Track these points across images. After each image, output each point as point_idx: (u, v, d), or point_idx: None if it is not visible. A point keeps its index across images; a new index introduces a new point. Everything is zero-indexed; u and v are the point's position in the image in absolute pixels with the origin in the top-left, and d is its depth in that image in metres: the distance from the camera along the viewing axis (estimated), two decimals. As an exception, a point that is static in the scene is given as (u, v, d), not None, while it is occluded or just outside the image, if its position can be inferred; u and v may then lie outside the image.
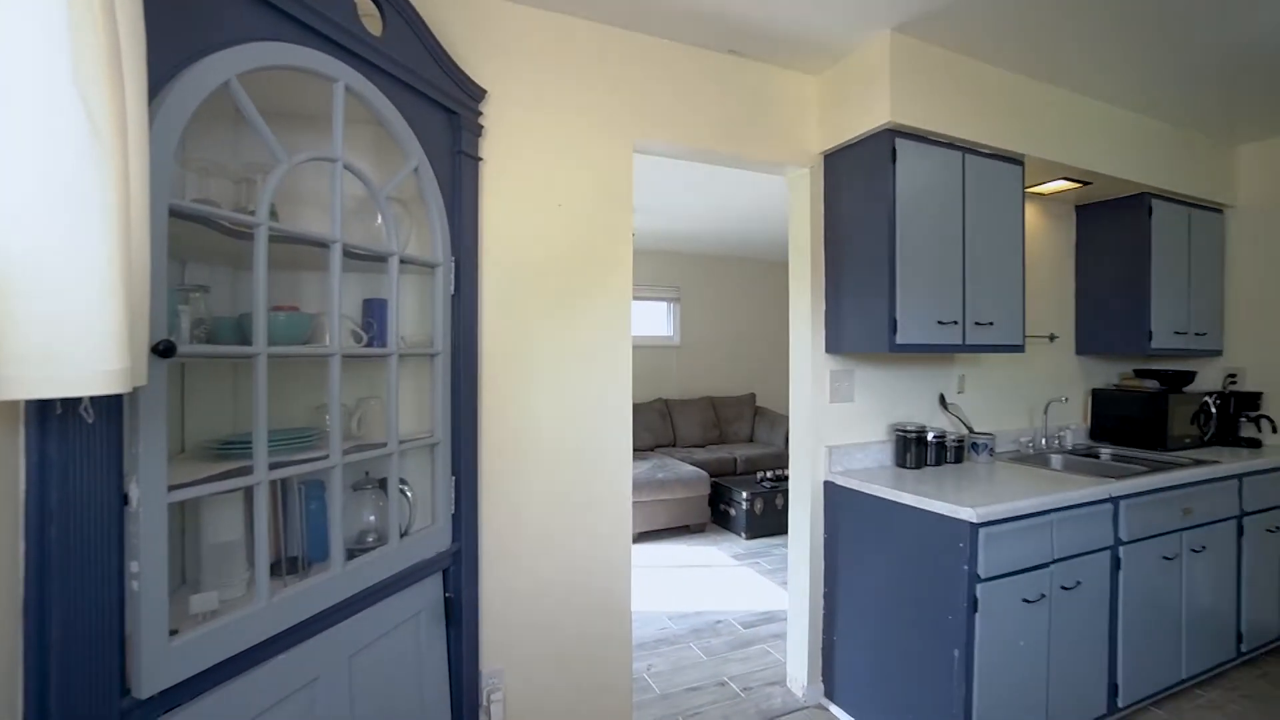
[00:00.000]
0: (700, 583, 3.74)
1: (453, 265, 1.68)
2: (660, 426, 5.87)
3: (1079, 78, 2.44)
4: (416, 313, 1.72)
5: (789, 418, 2.50)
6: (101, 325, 0.70)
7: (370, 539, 1.50)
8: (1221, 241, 3.22)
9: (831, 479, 2.33)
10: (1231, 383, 3.17)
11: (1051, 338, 3.06)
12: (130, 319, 0.74)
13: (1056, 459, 2.77)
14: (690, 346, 6.55)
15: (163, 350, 0.91)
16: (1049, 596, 1.97)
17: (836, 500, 2.32)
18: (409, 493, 1.58)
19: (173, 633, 0.98)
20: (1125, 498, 2.17)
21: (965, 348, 2.25)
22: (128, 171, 0.74)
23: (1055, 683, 2.00)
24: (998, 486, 2.09)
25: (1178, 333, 2.97)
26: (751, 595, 3.54)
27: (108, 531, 0.88)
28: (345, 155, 1.32)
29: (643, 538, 4.62)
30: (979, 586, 1.82)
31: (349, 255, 1.43)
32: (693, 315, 6.58)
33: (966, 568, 1.81)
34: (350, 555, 1.39)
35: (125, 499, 0.91)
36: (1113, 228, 3.01)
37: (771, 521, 4.56)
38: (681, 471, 4.71)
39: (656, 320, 6.51)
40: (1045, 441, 2.94)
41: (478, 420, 1.78)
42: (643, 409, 5.87)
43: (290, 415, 1.52)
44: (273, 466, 1.15)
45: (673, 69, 2.14)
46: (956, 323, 2.22)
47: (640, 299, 6.32)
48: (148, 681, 0.93)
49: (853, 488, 2.23)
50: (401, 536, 1.51)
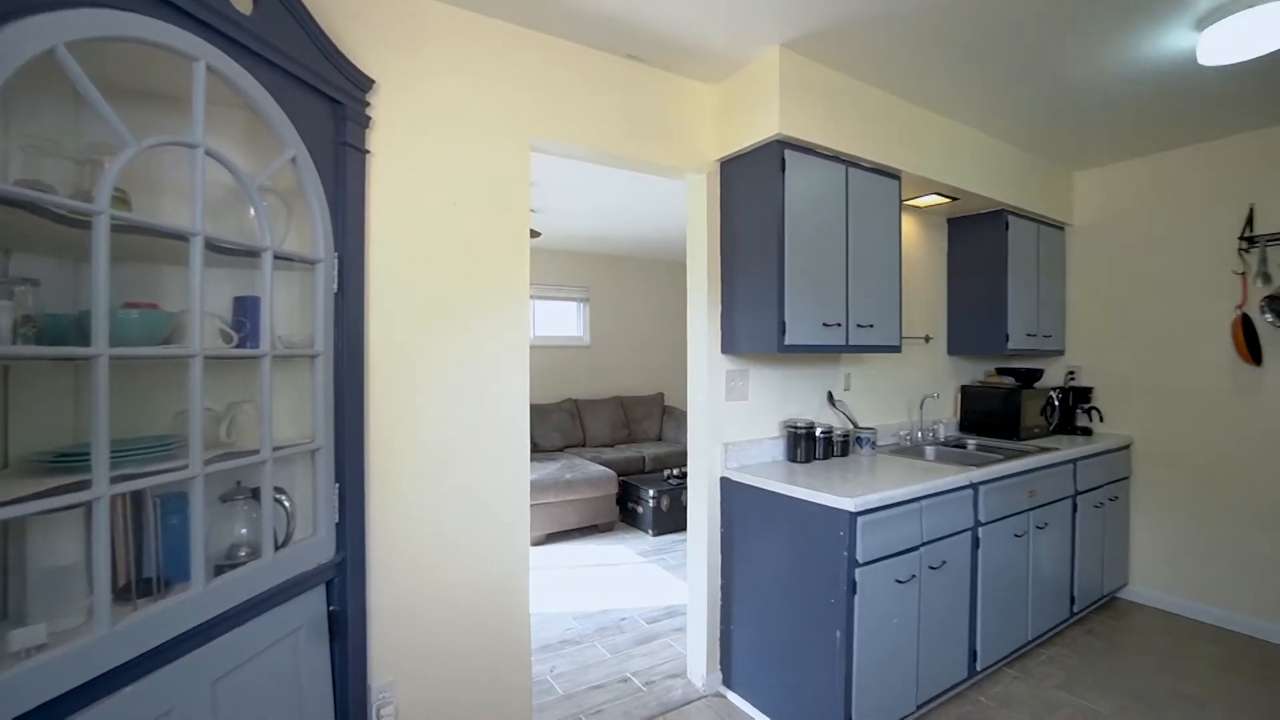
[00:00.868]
0: (607, 581, 3.77)
1: (336, 262, 1.59)
2: (570, 427, 5.86)
3: (946, 104, 2.68)
4: (296, 312, 1.62)
5: (691, 416, 2.58)
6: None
7: (242, 553, 1.39)
8: (1063, 255, 3.65)
9: (728, 475, 2.43)
10: (1071, 379, 3.61)
11: (926, 339, 3.35)
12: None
13: (930, 450, 3.03)
14: (600, 347, 6.57)
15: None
16: (919, 576, 2.16)
17: (732, 495, 2.41)
18: (287, 502, 1.49)
19: (-13, 673, 0.87)
20: (984, 484, 2.41)
21: (848, 348, 2.42)
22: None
23: (924, 653, 2.19)
24: (876, 477, 2.26)
25: (1029, 335, 3.33)
26: (656, 591, 3.61)
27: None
28: (210, 141, 1.22)
29: (551, 539, 4.59)
30: (857, 571, 1.96)
31: (216, 249, 1.33)
32: (602, 315, 6.61)
33: (846, 554, 1.95)
34: (218, 571, 1.29)
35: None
36: (977, 240, 3.33)
37: (678, 518, 4.67)
38: (590, 471, 4.72)
39: (566, 320, 6.48)
40: (921, 434, 3.21)
41: (364, 424, 1.70)
42: (552, 410, 5.83)
43: (153, 422, 1.39)
44: (120, 479, 1.05)
45: (573, 70, 2.14)
46: (840, 325, 2.38)
47: (549, 299, 6.27)
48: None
49: (746, 483, 2.33)
50: (278, 549, 1.42)
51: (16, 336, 1.05)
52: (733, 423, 2.49)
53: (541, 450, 5.61)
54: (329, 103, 1.58)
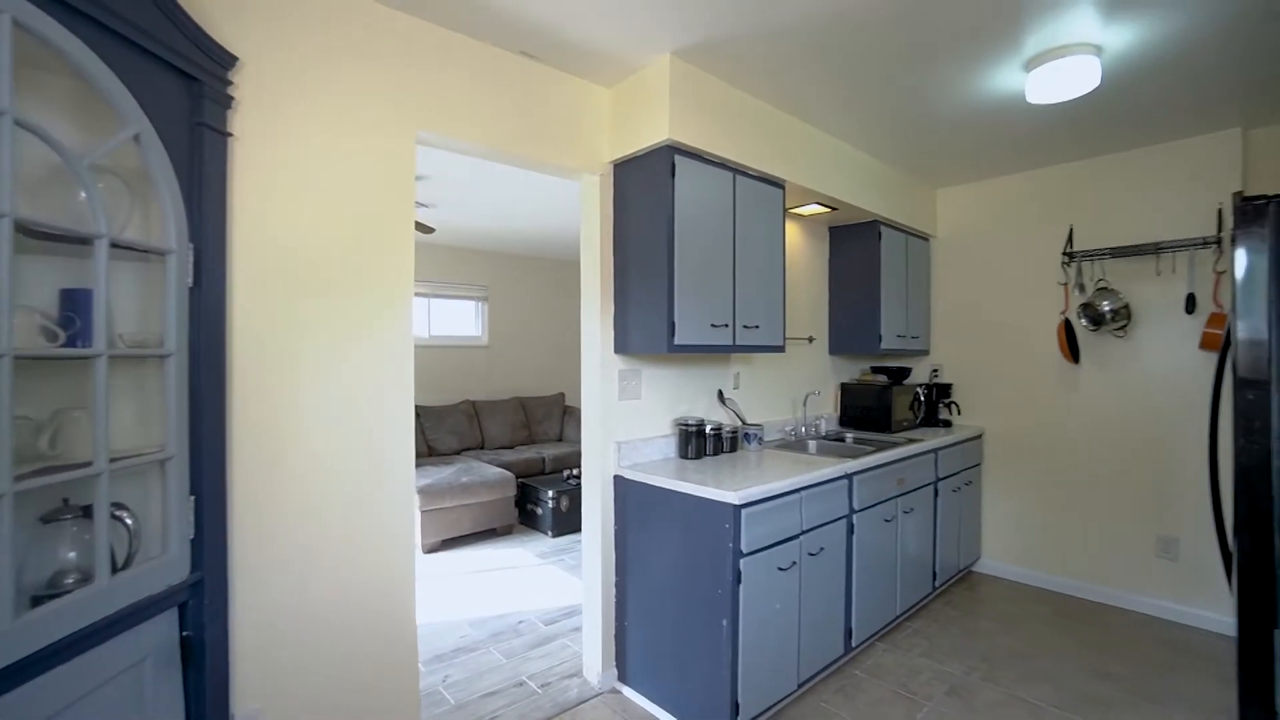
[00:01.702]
0: (504, 585, 3.70)
1: (192, 253, 1.45)
2: (467, 429, 5.68)
3: (826, 120, 2.88)
4: (142, 307, 1.46)
5: (586, 416, 2.59)
6: None
7: (69, 580, 1.23)
8: (928, 263, 4.03)
9: (621, 473, 2.46)
10: (935, 376, 3.99)
11: (810, 340, 3.57)
12: None
13: (813, 444, 3.23)
14: (499, 346, 6.43)
15: None
16: (799, 563, 2.30)
17: (625, 493, 2.45)
18: (129, 519, 1.34)
19: None
20: (857, 474, 2.61)
21: (736, 348, 2.53)
22: None
23: (805, 634, 2.34)
24: (762, 471, 2.38)
25: (899, 336, 3.65)
26: (555, 592, 3.59)
27: None
28: (26, 111, 1.07)
29: (447, 545, 4.44)
30: (742, 561, 2.05)
31: (35, 234, 1.18)
32: (502, 314, 6.47)
33: (732, 545, 2.04)
34: (35, 603, 1.14)
35: None
36: (854, 248, 3.60)
37: (577, 518, 4.67)
38: (487, 474, 4.61)
39: (464, 320, 6.28)
40: (805, 429, 3.41)
41: (226, 430, 1.56)
42: (449, 411, 5.63)
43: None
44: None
45: (464, 63, 2.08)
46: (728, 325, 2.48)
47: (446, 297, 6.05)
48: None
49: (639, 480, 2.38)
50: (116, 572, 1.28)
51: None
52: (626, 422, 2.53)
53: (437, 454, 5.40)
54: (183, 79, 1.44)
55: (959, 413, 3.89)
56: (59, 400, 1.33)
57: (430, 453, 5.39)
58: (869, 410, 3.59)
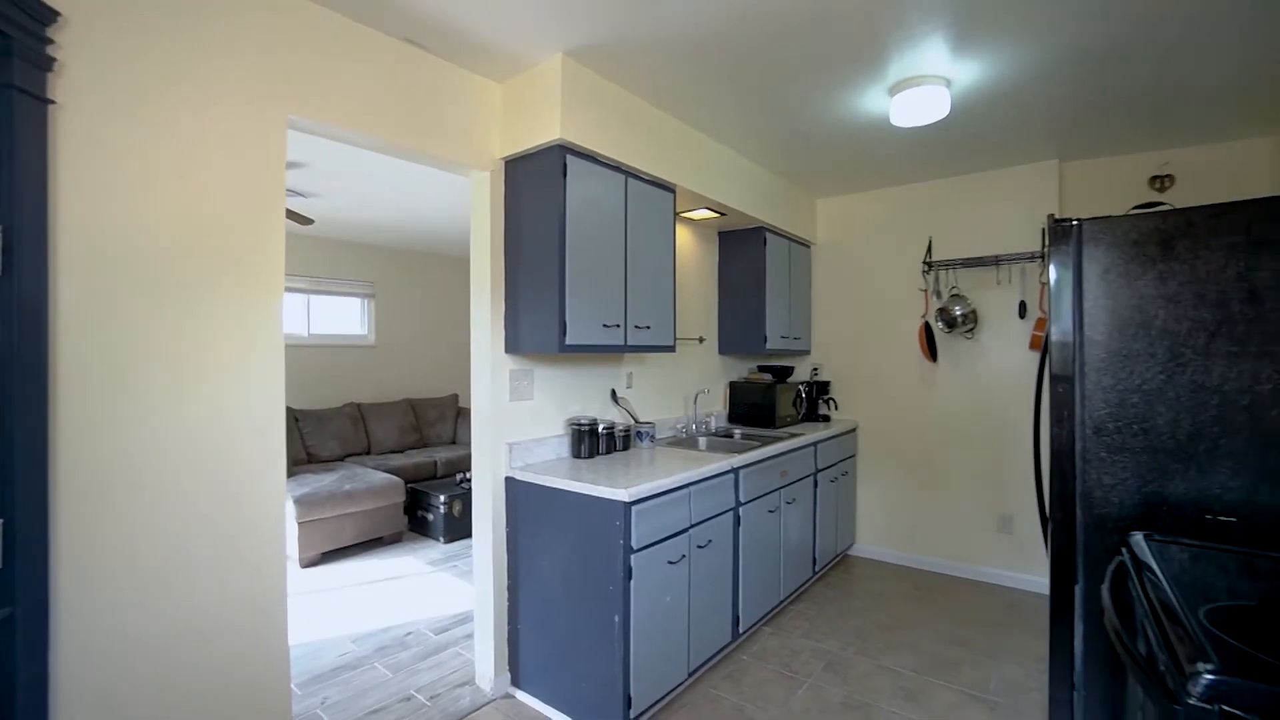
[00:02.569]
0: (392, 596, 3.53)
1: (0, 235, 1.27)
2: (351, 433, 5.34)
3: (716, 129, 2.99)
4: (-68, 300, 1.25)
5: (476, 417, 2.52)
6: None
7: None
8: (809, 268, 4.30)
9: (512, 474, 2.43)
10: (815, 374, 4.27)
11: (700, 340, 3.70)
12: None
13: (703, 440, 3.35)
14: (387, 346, 6.10)
15: None
16: (688, 556, 2.38)
17: (517, 494, 2.42)
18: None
19: None
20: (743, 468, 2.74)
21: (627, 348, 2.57)
22: None
23: (695, 625, 2.42)
24: (653, 468, 2.44)
25: (783, 336, 3.87)
26: (447, 600, 3.47)
27: None
28: None
29: (329, 557, 4.16)
30: (633, 556, 2.09)
31: None
32: (390, 312, 6.14)
33: (622, 542, 2.07)
34: None
35: None
36: (741, 252, 3.77)
37: (470, 522, 4.52)
38: (373, 480, 4.37)
39: (349, 318, 5.90)
40: (695, 426, 3.53)
41: (48, 442, 1.37)
42: (331, 415, 5.27)
43: None
44: None
45: (343, 47, 1.96)
46: (619, 326, 2.52)
47: (328, 293, 5.66)
48: None
49: (531, 481, 2.36)
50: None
51: None
52: (518, 422, 2.50)
53: (318, 460, 5.04)
54: (-15, 35, 1.25)
55: (836, 408, 4.19)
56: None
57: (310, 459, 5.01)
58: (756, 407, 3.78)
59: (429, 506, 4.59)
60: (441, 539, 4.49)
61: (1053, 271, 1.74)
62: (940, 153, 3.32)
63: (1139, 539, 1.41)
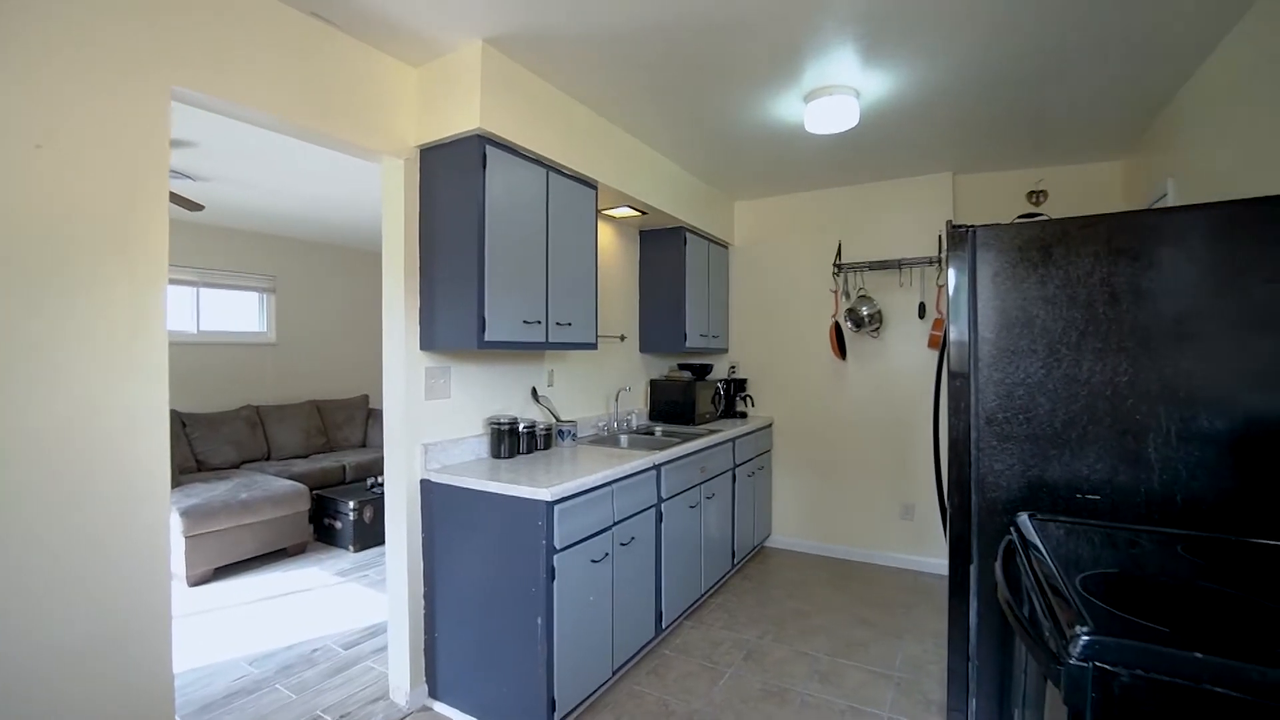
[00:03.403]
0: (296, 610, 3.29)
1: None
2: (249, 438, 4.95)
3: (639, 128, 3.01)
4: None
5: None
6: None
7: None
8: (727, 269, 4.41)
9: (428, 476, 2.33)
10: (733, 372, 4.38)
11: (622, 338, 3.70)
12: None
13: (624, 438, 3.36)
14: (290, 344, 5.70)
15: None
16: (611, 554, 2.37)
17: (433, 497, 2.33)
18: None
19: None
20: (665, 464, 2.77)
21: (548, 345, 2.53)
22: None
23: (618, 623, 2.42)
24: (575, 466, 2.41)
25: (702, 335, 3.94)
26: (357, 611, 3.29)
27: None
28: None
29: (222, 573, 3.83)
30: (556, 557, 2.06)
31: None
32: (293, 308, 5.74)
33: (544, 542, 2.04)
34: None
35: None
36: (662, 251, 3.81)
37: (383, 529, 4.31)
38: (273, 488, 4.06)
39: (245, 313, 5.47)
40: (617, 424, 3.54)
41: None
42: (226, 419, 4.86)
43: None
44: None
45: (238, 14, 1.80)
46: (540, 322, 2.48)
47: (221, 287, 5.22)
48: None
49: (448, 483, 2.27)
50: None
51: None
52: (434, 422, 2.40)
53: (210, 468, 4.63)
54: None
55: (753, 405, 4.33)
56: None
57: (200, 467, 4.60)
58: (676, 405, 3.83)
59: (337, 514, 4.33)
60: (351, 548, 4.25)
61: (951, 274, 1.87)
62: (850, 161, 3.50)
63: (1024, 519, 1.54)
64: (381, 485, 4.54)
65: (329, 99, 2.06)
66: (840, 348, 3.91)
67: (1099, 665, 0.89)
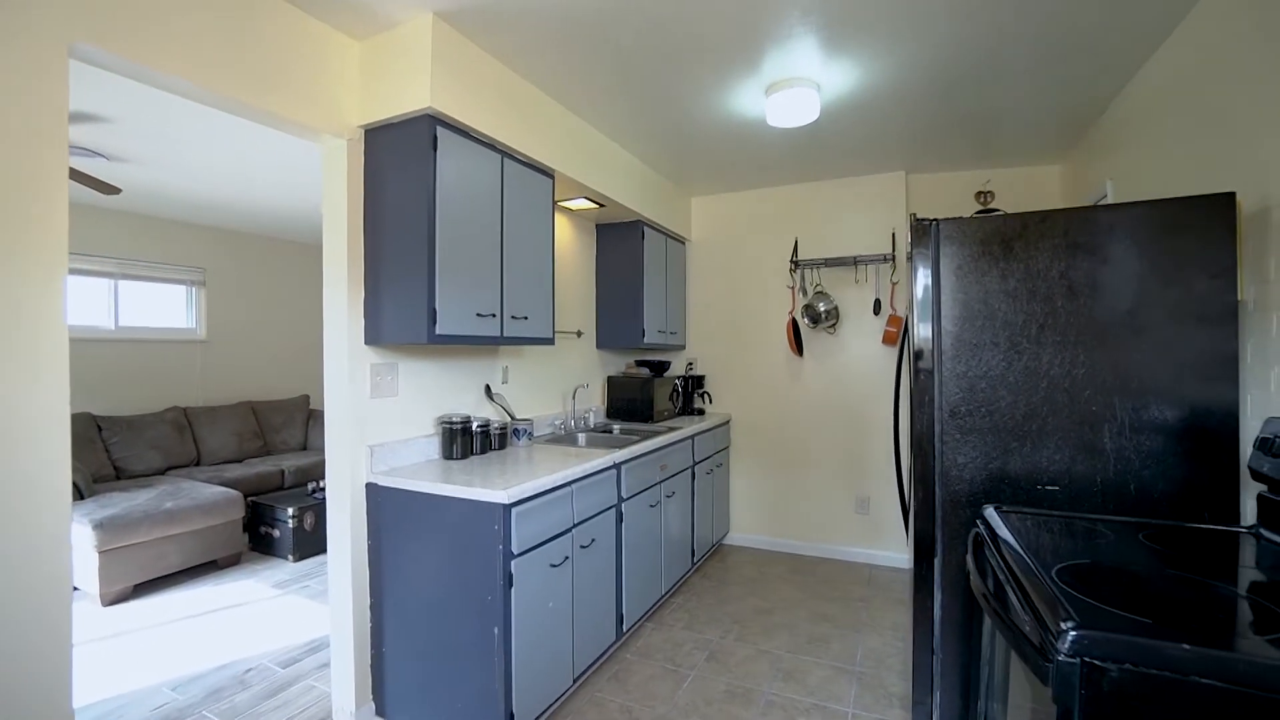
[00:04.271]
0: (228, 627, 3.05)
1: None
2: (176, 442, 4.61)
3: (598, 118, 2.91)
4: None
5: (330, 418, 2.23)
6: None
7: None
8: (685, 264, 4.37)
9: (375, 480, 2.18)
10: (690, 369, 4.34)
11: (579, 334, 3.61)
12: None
13: (582, 437, 3.26)
14: (221, 341, 5.34)
15: None
16: (571, 557, 2.28)
17: (380, 502, 2.18)
18: None
19: None
20: (625, 463, 2.69)
21: (503, 339, 2.42)
22: None
23: (579, 628, 2.33)
24: (532, 467, 2.31)
25: (660, 331, 3.88)
26: (297, 626, 3.07)
27: None
28: None
29: (144, 589, 3.53)
30: (513, 562, 1.96)
31: None
32: (225, 303, 5.38)
33: (501, 547, 1.92)
34: None
35: None
36: (620, 246, 3.73)
37: (325, 537, 4.08)
38: (202, 496, 3.78)
39: (171, 309, 5.09)
40: (574, 422, 3.44)
41: None
42: (150, 422, 4.50)
43: None
44: None
45: (146, -31, 1.62)
46: (495, 315, 2.36)
47: (143, 279, 4.83)
48: None
49: (396, 486, 2.13)
50: None
51: None
52: (380, 422, 2.25)
53: (131, 475, 4.28)
54: None
55: (711, 402, 4.30)
56: None
57: (119, 474, 4.24)
58: (634, 402, 3.76)
59: (274, 521, 4.06)
60: (290, 557, 3.99)
61: (917, 267, 1.86)
62: (810, 156, 3.50)
63: (991, 511, 1.54)
64: (324, 490, 4.29)
65: (259, 68, 1.88)
66: (797, 344, 3.92)
67: (1088, 660, 0.87)
